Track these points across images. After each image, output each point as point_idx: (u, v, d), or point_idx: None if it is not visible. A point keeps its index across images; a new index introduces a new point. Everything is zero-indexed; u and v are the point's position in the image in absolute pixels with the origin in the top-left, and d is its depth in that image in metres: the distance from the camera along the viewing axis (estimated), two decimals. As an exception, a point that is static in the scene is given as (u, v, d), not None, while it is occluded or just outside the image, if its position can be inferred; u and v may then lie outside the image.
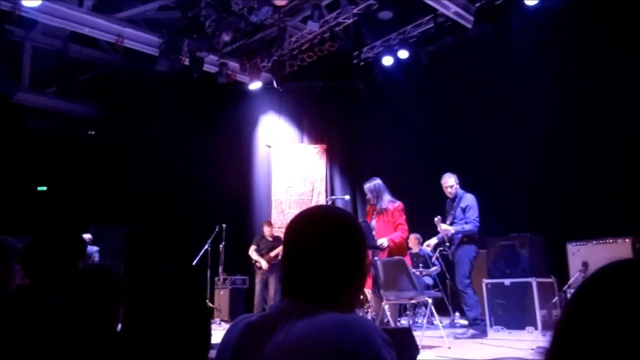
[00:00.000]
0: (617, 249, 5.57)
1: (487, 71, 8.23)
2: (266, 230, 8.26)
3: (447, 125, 9.23)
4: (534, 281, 5.55)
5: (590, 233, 5.85)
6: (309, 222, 1.12)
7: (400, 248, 5.37)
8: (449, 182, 6.13)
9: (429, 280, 7.23)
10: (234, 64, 9.28)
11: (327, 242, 1.07)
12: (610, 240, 5.66)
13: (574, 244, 5.89)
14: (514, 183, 7.96)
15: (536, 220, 7.01)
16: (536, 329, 5.34)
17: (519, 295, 5.74)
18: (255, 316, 1.08)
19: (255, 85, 9.53)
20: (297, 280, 1.07)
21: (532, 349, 4.24)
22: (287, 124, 10.44)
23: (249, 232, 9.45)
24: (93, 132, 10.81)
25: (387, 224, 5.39)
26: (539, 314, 5.37)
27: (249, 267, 8.88)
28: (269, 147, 10.24)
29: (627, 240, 5.70)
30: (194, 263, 8.01)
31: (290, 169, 10.13)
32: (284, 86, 9.73)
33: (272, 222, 8.92)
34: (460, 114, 8.97)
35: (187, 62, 8.51)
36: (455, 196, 6.07)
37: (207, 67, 8.91)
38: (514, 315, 5.71)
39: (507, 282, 5.91)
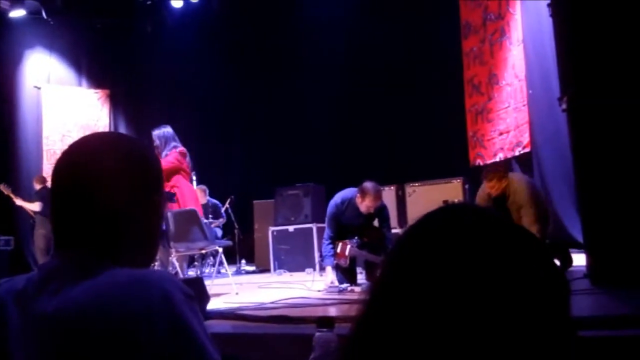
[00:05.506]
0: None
1: (282, 20, 8.38)
2: (37, 188, 7.25)
3: (237, 73, 9.19)
4: (314, 226, 6.00)
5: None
6: (78, 155, 0.88)
7: (192, 196, 5.19)
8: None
9: (218, 232, 7.29)
10: (-11, -15, 7.75)
11: (100, 178, 0.84)
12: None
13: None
14: (300, 134, 8.40)
15: (322, 171, 7.55)
16: (314, 269, 5.82)
17: (301, 240, 6.17)
18: (20, 280, 0.85)
19: (17, 13, 8.13)
20: (68, 228, 0.85)
21: (324, 288, 4.50)
22: (60, 63, 9.19)
23: (16, 184, 8.22)
24: None
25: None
26: (317, 255, 5.84)
27: (16, 225, 7.82)
28: (39, 88, 8.92)
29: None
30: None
31: (65, 115, 9.02)
32: (55, 18, 8.48)
33: (45, 175, 7.83)
34: (251, 64, 9.03)
35: None
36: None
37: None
38: (295, 258, 6.14)
39: (291, 228, 6.30)
